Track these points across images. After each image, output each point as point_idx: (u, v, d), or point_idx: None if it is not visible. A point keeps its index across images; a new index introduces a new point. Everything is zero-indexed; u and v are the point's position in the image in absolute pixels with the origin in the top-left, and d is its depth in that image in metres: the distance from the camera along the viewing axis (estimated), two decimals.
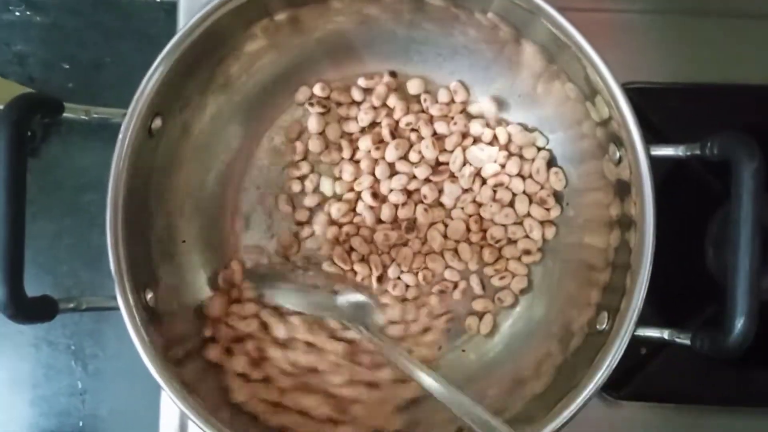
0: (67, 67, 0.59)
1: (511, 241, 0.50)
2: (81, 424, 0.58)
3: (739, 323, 0.36)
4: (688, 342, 0.39)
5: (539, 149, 0.50)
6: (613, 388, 0.49)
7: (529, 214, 0.50)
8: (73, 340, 0.58)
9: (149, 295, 0.42)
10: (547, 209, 0.50)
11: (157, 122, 0.43)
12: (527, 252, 0.50)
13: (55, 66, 0.59)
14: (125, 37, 0.59)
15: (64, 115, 0.39)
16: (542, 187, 0.50)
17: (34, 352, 0.58)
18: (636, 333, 0.39)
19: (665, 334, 0.40)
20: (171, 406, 0.50)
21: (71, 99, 0.41)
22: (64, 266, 0.58)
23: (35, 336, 0.58)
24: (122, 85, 0.57)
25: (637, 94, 0.47)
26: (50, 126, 0.58)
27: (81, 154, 0.58)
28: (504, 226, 0.50)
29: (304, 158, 0.52)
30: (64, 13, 0.60)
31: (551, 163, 0.50)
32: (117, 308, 0.40)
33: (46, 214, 0.57)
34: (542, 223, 0.50)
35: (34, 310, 0.38)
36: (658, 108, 0.49)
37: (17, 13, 0.60)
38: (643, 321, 0.40)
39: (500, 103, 0.50)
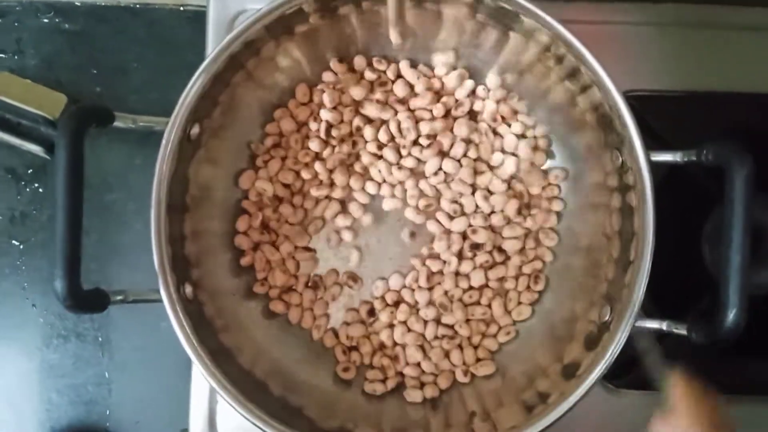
0: (95, 72, 0.61)
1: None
2: (108, 412, 0.60)
3: (731, 314, 0.39)
4: (684, 332, 0.42)
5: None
6: (615, 377, 0.51)
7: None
8: (101, 332, 0.60)
9: (188, 289, 0.45)
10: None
11: (195, 129, 0.45)
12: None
13: (82, 71, 0.61)
14: (150, 44, 0.62)
15: (114, 123, 0.41)
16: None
17: (63, 344, 0.60)
18: (637, 324, 0.42)
19: (663, 326, 0.43)
20: (201, 395, 0.52)
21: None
22: (92, 262, 0.59)
23: (64, 328, 0.60)
24: (147, 89, 0.60)
25: (638, 102, 0.50)
26: None
27: (106, 155, 0.60)
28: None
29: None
30: (91, 21, 0.62)
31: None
32: (160, 300, 0.42)
33: None
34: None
35: (89, 302, 0.41)
36: (659, 115, 0.51)
37: (45, 20, 0.62)
38: (643, 314, 0.42)
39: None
